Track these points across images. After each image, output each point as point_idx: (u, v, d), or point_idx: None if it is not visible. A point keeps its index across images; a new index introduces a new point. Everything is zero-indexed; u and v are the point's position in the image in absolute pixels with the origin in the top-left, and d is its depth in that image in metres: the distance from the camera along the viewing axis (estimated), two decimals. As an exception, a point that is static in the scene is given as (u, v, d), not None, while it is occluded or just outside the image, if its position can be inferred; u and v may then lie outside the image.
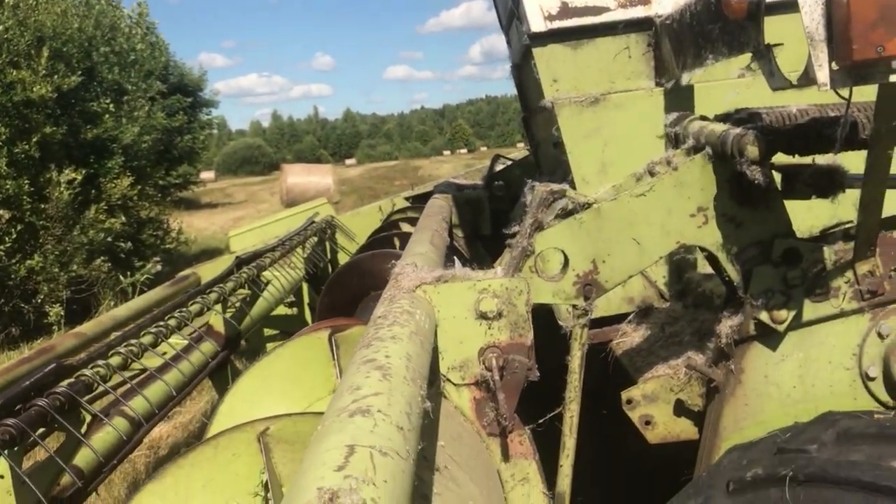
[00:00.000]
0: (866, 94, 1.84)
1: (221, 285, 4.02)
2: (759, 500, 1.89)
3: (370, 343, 1.64)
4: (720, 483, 2.00)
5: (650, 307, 3.12)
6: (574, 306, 2.32)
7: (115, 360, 2.80)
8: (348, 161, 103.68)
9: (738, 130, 2.08)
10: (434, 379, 2.25)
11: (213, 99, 35.68)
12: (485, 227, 5.37)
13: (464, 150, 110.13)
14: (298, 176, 32.65)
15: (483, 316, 2.19)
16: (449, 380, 2.24)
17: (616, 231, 2.27)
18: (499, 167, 5.94)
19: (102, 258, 12.24)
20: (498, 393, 2.18)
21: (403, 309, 1.94)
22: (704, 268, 2.99)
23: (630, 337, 3.02)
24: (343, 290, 4.08)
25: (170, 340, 3.38)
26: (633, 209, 2.26)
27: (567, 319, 2.39)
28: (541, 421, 2.39)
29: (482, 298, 2.18)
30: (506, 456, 2.30)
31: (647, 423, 2.63)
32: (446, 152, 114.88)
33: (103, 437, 2.76)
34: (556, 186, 2.25)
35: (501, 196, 5.38)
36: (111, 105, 13.64)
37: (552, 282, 2.30)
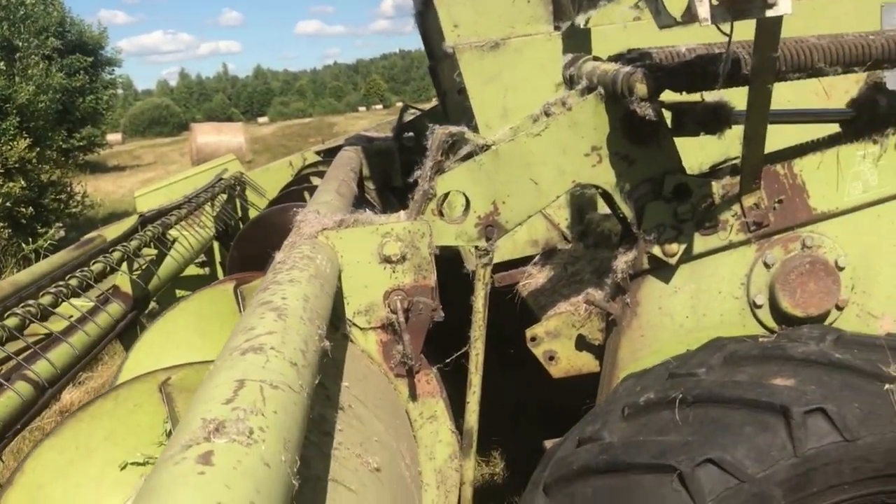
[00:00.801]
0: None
1: (125, 244, 3.92)
2: (652, 423, 1.99)
3: (267, 287, 1.64)
4: (616, 409, 2.10)
5: (553, 249, 3.20)
6: (476, 248, 2.36)
7: (11, 322, 2.71)
8: (261, 119, 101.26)
9: (627, 69, 2.13)
10: (340, 324, 2.27)
11: (116, 57, 34.23)
12: (396, 178, 5.36)
13: (379, 106, 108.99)
14: (208, 135, 31.74)
15: (387, 260, 2.21)
16: (355, 324, 2.26)
17: (514, 172, 2.31)
18: (408, 118, 5.92)
19: (2, 224, 11.73)
20: (403, 334, 2.21)
21: (304, 254, 1.94)
22: (604, 208, 3.07)
23: (535, 278, 3.10)
24: (252, 244, 4.03)
25: (76, 303, 3.29)
26: (529, 150, 2.30)
27: (471, 261, 2.43)
28: (447, 360, 2.44)
29: (385, 242, 2.20)
30: (413, 395, 2.34)
31: (551, 358, 2.71)
32: (361, 108, 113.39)
33: (4, 402, 2.68)
34: (454, 129, 2.27)
35: (411, 147, 5.37)
36: (2, 63, 12.95)
37: (455, 224, 2.33)
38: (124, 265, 3.92)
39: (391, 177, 5.39)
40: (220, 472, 0.88)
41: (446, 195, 2.39)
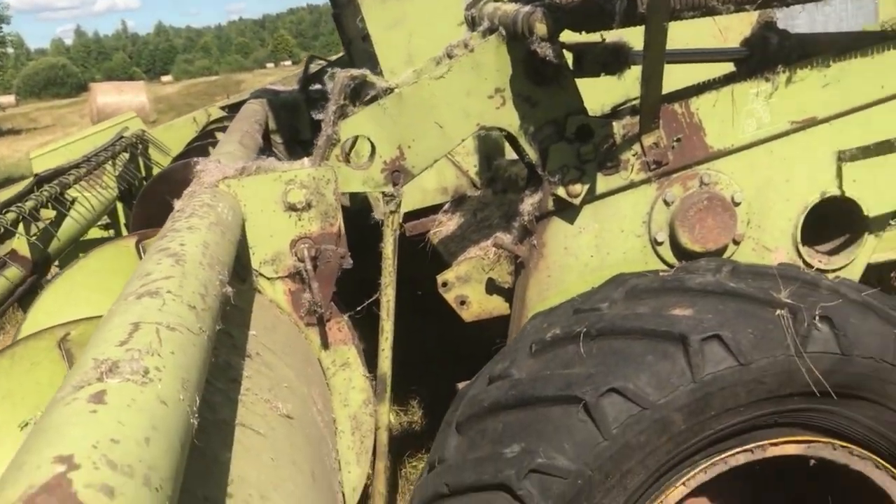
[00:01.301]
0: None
1: (20, 205, 3.74)
2: (558, 357, 2.04)
3: (165, 235, 1.60)
4: (524, 346, 2.14)
5: (463, 196, 3.22)
6: (384, 193, 2.35)
7: None
8: (164, 78, 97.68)
9: (527, 9, 2.14)
10: (247, 276, 2.24)
11: (4, 14, 32.42)
12: (304, 131, 5.27)
13: (288, 62, 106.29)
14: (109, 95, 30.45)
15: (292, 207, 2.18)
16: (262, 274, 2.23)
17: (418, 115, 2.30)
18: (314, 69, 5.80)
19: None
20: (312, 283, 2.20)
21: (203, 202, 1.89)
22: (512, 154, 3.09)
23: (445, 226, 3.11)
24: (155, 201, 3.89)
25: (-31, 268, 3.14)
26: (433, 92, 2.29)
27: (379, 208, 2.42)
28: (359, 308, 2.44)
29: (290, 190, 2.17)
30: (325, 344, 2.34)
31: (462, 303, 2.74)
32: (270, 65, 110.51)
33: None
34: (356, 72, 2.24)
35: (318, 98, 5.28)
36: None
37: (360, 170, 2.31)
38: (21, 227, 3.75)
39: (299, 130, 5.30)
40: (113, 410, 0.86)
41: (354, 141, 2.37)
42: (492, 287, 2.75)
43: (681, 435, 1.88)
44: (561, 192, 2.39)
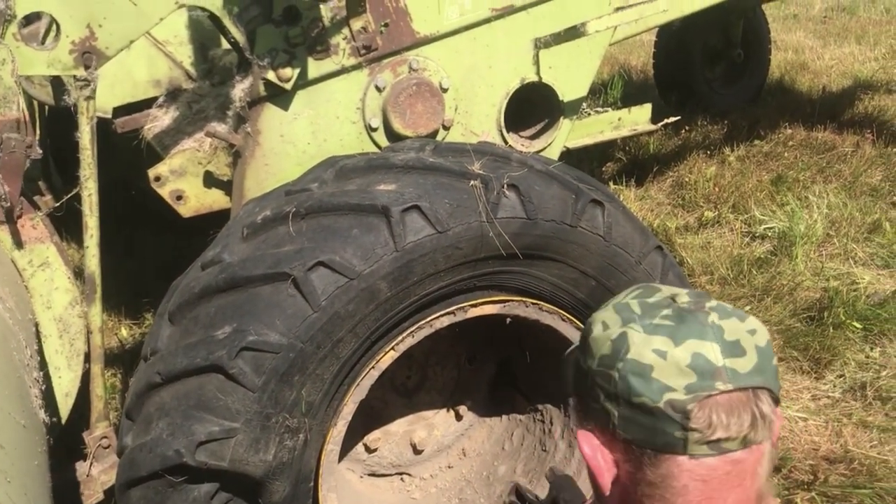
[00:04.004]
0: None
1: None
2: (270, 239, 2.04)
3: None
4: (236, 231, 2.11)
5: (178, 89, 3.06)
6: (75, 77, 2.17)
7: None
8: None
9: None
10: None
11: None
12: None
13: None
14: None
15: (-37, 92, 1.96)
16: (-67, 167, 2.00)
17: (107, -9, 2.13)
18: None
19: None
20: (-6, 174, 2.01)
21: None
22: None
23: (159, 120, 2.95)
24: None
25: None
26: None
27: (72, 93, 2.23)
28: (58, 204, 2.28)
29: (-42, 72, 1.94)
30: (19, 242, 2.17)
31: (179, 198, 2.65)
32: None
33: None
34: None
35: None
36: None
37: (45, 51, 2.11)
38: None
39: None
40: None
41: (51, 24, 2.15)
42: (210, 180, 2.67)
43: (387, 302, 1.97)
44: (271, 76, 2.35)
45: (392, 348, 2.08)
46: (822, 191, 5.09)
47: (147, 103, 3.08)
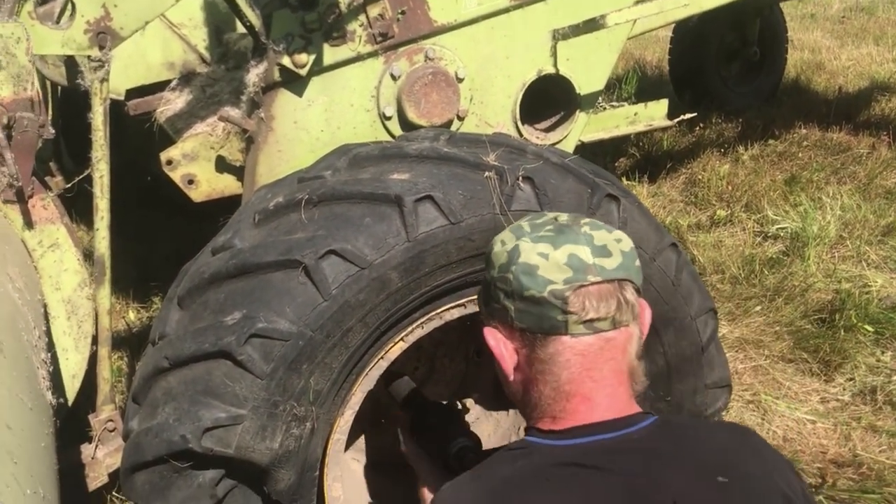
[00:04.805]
0: None
1: None
2: (281, 225, 2.02)
3: None
4: (248, 217, 2.10)
5: (192, 72, 3.05)
6: (89, 58, 2.15)
7: None
8: None
9: None
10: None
11: None
12: None
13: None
14: None
15: (-23, 69, 1.94)
16: (-55, 145, 1.99)
17: (122, -29, 2.11)
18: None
19: None
20: (6, 154, 2.00)
21: None
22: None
23: (173, 103, 2.94)
24: None
25: None
26: None
27: (86, 75, 2.22)
28: (69, 185, 2.27)
29: (-28, 49, 1.93)
30: (29, 223, 2.16)
31: (191, 182, 2.64)
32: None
33: None
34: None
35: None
36: None
37: (59, 30, 2.10)
38: None
39: None
40: None
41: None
42: (222, 165, 2.66)
43: (398, 292, 1.95)
44: (286, 61, 2.32)
45: (401, 339, 2.06)
46: (835, 192, 5.04)
47: (160, 86, 3.08)
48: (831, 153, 5.65)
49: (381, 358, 2.05)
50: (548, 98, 2.84)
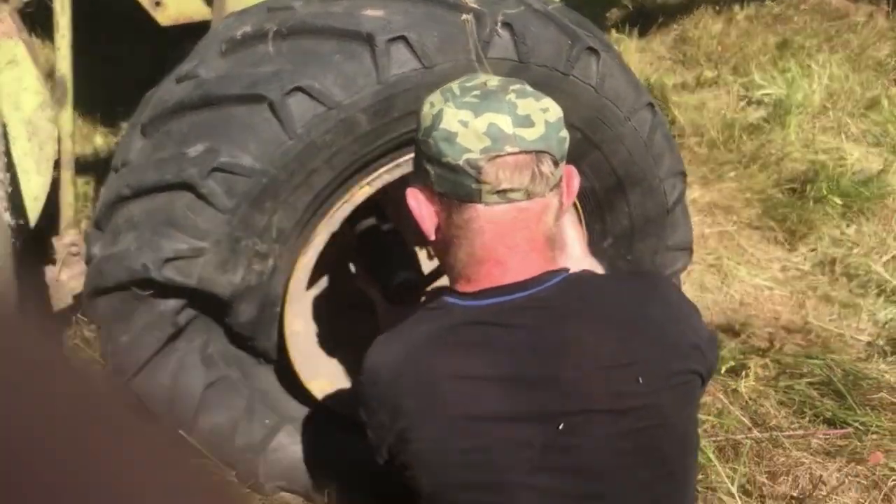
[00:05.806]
0: None
1: None
2: (248, 57, 1.94)
3: None
4: (214, 45, 2.01)
5: None
6: None
7: None
8: None
9: None
10: None
11: None
12: None
13: None
14: None
15: None
16: None
17: None
18: None
19: None
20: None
21: None
22: None
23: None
24: None
25: None
26: None
27: None
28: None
29: None
30: (-16, 36, 2.06)
31: (157, 3, 2.51)
32: None
33: None
34: None
35: None
36: None
37: None
38: None
39: None
40: None
41: None
42: (191, -12, 2.53)
43: (366, 136, 1.91)
44: None
45: (367, 184, 2.04)
46: (826, 60, 4.94)
47: None
48: (827, 19, 5.49)
49: (346, 202, 2.04)
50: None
